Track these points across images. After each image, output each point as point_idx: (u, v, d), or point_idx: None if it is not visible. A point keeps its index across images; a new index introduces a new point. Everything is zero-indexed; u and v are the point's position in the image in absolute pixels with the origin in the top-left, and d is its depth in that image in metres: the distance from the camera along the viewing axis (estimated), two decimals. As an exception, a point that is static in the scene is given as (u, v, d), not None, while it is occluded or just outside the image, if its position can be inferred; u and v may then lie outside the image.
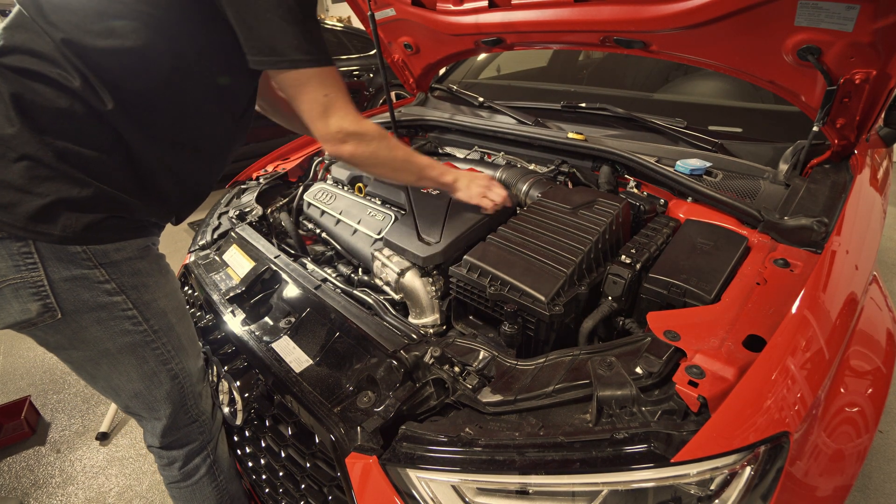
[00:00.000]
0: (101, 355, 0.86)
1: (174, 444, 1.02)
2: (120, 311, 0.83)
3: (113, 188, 0.78)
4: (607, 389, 0.67)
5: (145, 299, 0.86)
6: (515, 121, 1.58)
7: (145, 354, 0.89)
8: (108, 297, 0.82)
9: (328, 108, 0.86)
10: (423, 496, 0.68)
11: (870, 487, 1.49)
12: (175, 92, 0.81)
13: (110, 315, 0.83)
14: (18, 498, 1.65)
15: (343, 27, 4.98)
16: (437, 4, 1.51)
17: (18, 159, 0.70)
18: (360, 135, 0.91)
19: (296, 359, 0.95)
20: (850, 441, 0.71)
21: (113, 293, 0.82)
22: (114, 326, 0.84)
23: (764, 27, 0.98)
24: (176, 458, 1.03)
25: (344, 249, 1.38)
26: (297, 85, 0.83)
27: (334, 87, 0.86)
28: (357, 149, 0.91)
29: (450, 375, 0.81)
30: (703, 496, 0.59)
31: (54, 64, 0.71)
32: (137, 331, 0.86)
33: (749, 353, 0.67)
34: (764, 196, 1.06)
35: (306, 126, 0.89)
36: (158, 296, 0.89)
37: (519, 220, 1.07)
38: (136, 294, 0.85)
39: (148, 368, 0.90)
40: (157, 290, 0.89)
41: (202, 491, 1.06)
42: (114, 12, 0.72)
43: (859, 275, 0.83)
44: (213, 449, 1.07)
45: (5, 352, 2.40)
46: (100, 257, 0.79)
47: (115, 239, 0.81)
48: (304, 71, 0.82)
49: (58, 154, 0.72)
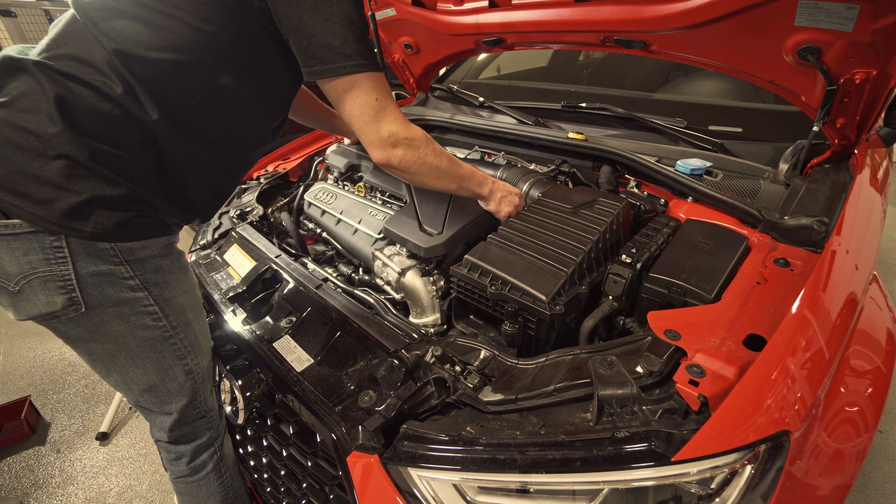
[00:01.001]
0: (120, 349, 0.88)
1: (182, 439, 1.03)
2: (142, 306, 0.86)
3: (143, 189, 0.81)
4: (608, 388, 0.67)
5: (166, 296, 0.89)
6: (516, 121, 1.58)
7: (163, 349, 0.91)
8: (132, 292, 0.84)
9: (379, 112, 0.87)
10: (425, 495, 0.68)
11: (870, 487, 1.49)
12: (220, 105, 0.84)
13: (132, 310, 0.85)
14: (18, 498, 1.65)
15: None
16: (437, 4, 1.51)
17: (57, 157, 0.72)
18: (410, 139, 0.91)
19: (297, 358, 0.95)
20: (849, 441, 0.72)
21: (136, 289, 0.84)
22: (135, 321, 0.86)
23: (764, 27, 0.98)
24: (184, 453, 1.04)
25: (344, 249, 1.38)
26: (350, 90, 0.84)
27: (385, 91, 0.88)
28: (407, 154, 0.92)
29: (451, 374, 0.81)
30: (704, 495, 0.60)
31: (100, 72, 0.74)
32: (157, 326, 0.89)
33: (749, 352, 0.67)
34: (764, 196, 1.06)
35: (354, 131, 0.90)
36: (178, 293, 0.91)
37: (519, 220, 1.07)
38: (158, 290, 0.87)
39: (164, 363, 0.93)
40: (177, 287, 0.91)
41: (208, 486, 1.07)
42: (169, 26, 0.75)
43: (859, 274, 0.83)
44: (220, 445, 1.08)
45: (5, 352, 2.40)
46: (126, 254, 0.82)
47: (142, 237, 0.83)
48: (358, 76, 0.83)
49: (94, 154, 0.75)
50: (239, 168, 0.99)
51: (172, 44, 0.76)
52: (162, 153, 0.82)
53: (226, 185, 0.99)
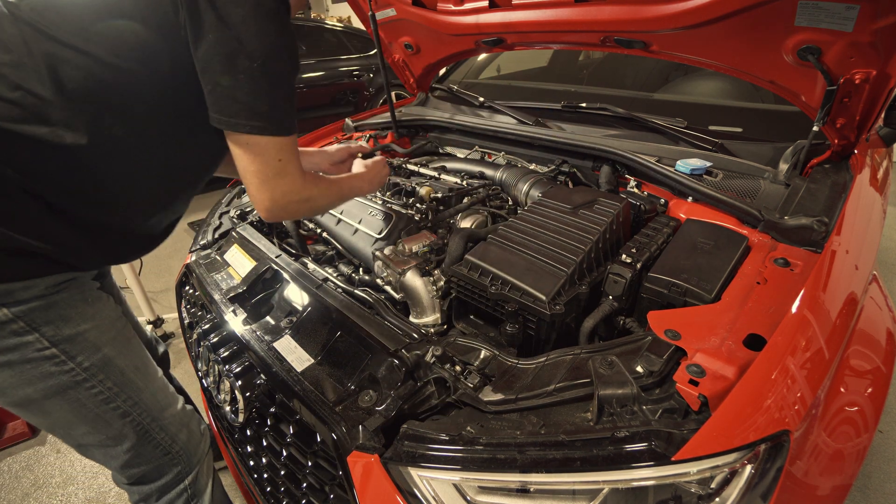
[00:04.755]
0: (25, 402, 0.77)
1: (144, 480, 0.94)
2: (35, 350, 0.74)
3: (9, 229, 0.68)
4: (608, 388, 0.67)
5: (65, 334, 0.76)
6: (516, 121, 1.58)
7: (79, 396, 0.80)
8: (17, 337, 0.72)
9: (279, 174, 0.78)
10: (425, 494, 0.68)
11: (870, 487, 1.49)
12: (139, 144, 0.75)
13: (23, 358, 0.73)
14: (19, 497, 1.65)
15: (343, 27, 4.98)
16: (437, 4, 1.52)
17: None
18: (306, 199, 0.84)
19: (297, 358, 0.95)
20: (849, 440, 0.72)
21: (22, 332, 0.72)
22: (30, 370, 0.75)
23: (764, 27, 0.98)
24: (149, 494, 0.95)
25: (345, 249, 1.38)
26: (254, 146, 0.75)
27: (291, 153, 0.79)
28: (300, 208, 0.85)
29: (451, 374, 0.81)
30: (704, 494, 0.60)
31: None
32: (62, 371, 0.77)
33: (749, 352, 0.67)
34: (764, 196, 1.06)
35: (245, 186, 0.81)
36: (85, 328, 0.79)
37: (520, 220, 1.07)
38: (53, 330, 0.75)
39: (88, 412, 0.81)
40: (83, 322, 0.79)
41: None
42: None
43: (859, 274, 0.83)
44: (192, 483, 0.99)
45: (6, 351, 2.40)
46: (3, 297, 0.70)
47: (18, 277, 0.71)
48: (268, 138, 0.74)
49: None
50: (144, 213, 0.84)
51: None
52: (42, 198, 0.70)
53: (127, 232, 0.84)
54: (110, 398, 0.83)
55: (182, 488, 0.98)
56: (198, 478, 1.01)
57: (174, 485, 0.97)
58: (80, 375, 0.79)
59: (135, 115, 0.74)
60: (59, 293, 0.76)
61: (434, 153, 1.77)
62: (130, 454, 0.89)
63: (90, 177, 0.74)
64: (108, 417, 0.83)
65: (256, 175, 0.77)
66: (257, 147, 0.75)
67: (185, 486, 0.98)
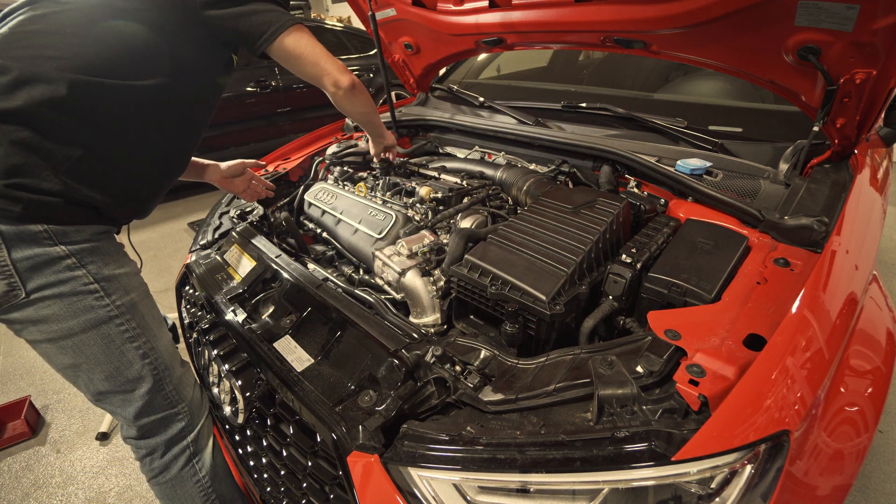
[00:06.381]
0: (65, 335, 0.87)
1: (151, 431, 1.01)
2: (82, 285, 0.86)
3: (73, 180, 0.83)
4: (608, 388, 0.67)
5: (105, 273, 0.89)
6: (516, 121, 1.58)
7: (110, 332, 0.91)
8: (70, 272, 0.85)
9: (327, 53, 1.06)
10: (425, 494, 0.68)
11: (870, 487, 1.49)
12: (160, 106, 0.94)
13: (72, 290, 0.85)
14: (19, 497, 1.65)
15: (343, 27, 4.98)
16: (437, 4, 1.52)
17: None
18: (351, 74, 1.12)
19: (297, 358, 0.95)
20: (849, 440, 0.72)
21: (74, 267, 0.85)
22: (76, 302, 0.86)
23: (764, 27, 0.98)
24: (155, 448, 1.01)
25: (345, 249, 1.38)
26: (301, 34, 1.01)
27: None
28: (355, 78, 1.12)
29: (451, 374, 0.81)
30: (704, 495, 0.60)
31: None
32: (100, 306, 0.89)
33: (749, 352, 0.67)
34: (764, 196, 1.06)
35: (317, 69, 1.05)
36: (119, 273, 0.92)
37: (519, 220, 1.07)
38: (96, 268, 0.88)
39: (115, 348, 0.92)
40: (118, 268, 0.92)
41: (183, 487, 1.04)
42: None
43: (859, 274, 0.83)
44: (193, 440, 1.05)
45: (5, 352, 2.40)
46: (60, 236, 0.83)
47: (73, 221, 0.85)
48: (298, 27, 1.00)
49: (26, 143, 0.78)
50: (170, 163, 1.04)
51: None
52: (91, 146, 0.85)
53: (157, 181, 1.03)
54: (134, 337, 0.94)
55: (185, 444, 1.05)
56: (199, 438, 1.08)
57: (178, 440, 1.04)
58: (113, 311, 0.91)
59: None
60: (101, 241, 0.90)
61: (434, 153, 1.77)
62: (145, 400, 0.97)
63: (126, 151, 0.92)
64: (130, 357, 0.94)
65: (324, 54, 1.05)
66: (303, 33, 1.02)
67: (188, 442, 1.05)
